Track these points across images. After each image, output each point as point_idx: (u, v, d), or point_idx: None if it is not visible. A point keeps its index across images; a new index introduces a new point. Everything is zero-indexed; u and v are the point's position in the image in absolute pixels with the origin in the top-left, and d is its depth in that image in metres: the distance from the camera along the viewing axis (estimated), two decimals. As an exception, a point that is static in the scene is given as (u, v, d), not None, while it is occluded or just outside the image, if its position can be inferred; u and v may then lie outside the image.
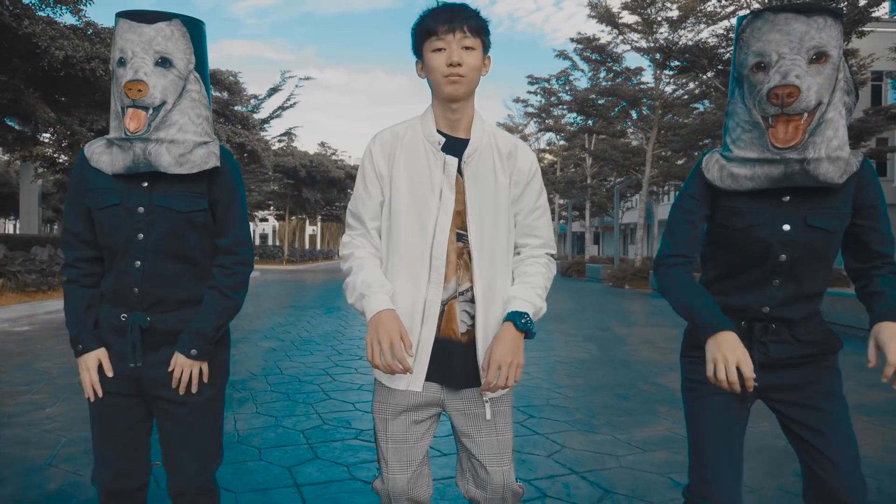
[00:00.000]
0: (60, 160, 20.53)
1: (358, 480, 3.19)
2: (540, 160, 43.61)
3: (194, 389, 1.71)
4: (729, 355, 1.50)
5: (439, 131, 1.73)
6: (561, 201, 39.80)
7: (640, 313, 12.52)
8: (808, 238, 1.62)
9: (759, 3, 13.13)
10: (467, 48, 1.65)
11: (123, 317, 1.71)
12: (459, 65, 1.63)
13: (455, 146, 1.72)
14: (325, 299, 14.38)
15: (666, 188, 32.64)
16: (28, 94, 9.44)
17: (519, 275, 1.78)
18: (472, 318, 1.70)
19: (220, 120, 19.73)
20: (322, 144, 39.85)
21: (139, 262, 1.68)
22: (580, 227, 48.90)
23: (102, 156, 1.69)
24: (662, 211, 38.55)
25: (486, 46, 1.71)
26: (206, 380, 1.74)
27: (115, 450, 1.76)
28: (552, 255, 1.87)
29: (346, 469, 3.35)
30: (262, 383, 5.44)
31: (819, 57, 1.53)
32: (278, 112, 23.27)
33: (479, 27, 1.67)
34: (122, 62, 1.63)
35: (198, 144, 1.68)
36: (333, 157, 38.33)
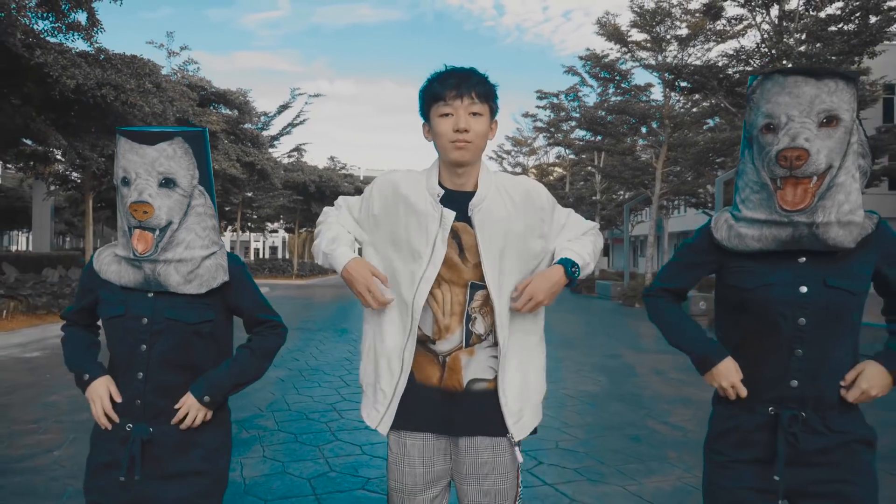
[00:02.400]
0: (73, 177, 20.77)
1: (364, 541, 3.15)
2: (549, 174, 43.72)
3: (193, 425, 1.71)
4: (726, 383, 1.60)
5: (442, 186, 1.72)
6: (570, 215, 39.74)
7: (650, 337, 12.43)
8: (829, 299, 1.55)
9: (768, 24, 13.09)
10: (475, 114, 1.65)
11: (129, 427, 1.69)
12: (466, 131, 1.63)
13: (460, 199, 1.71)
14: (336, 320, 14.37)
15: (676, 202, 32.49)
16: (40, 121, 9.53)
17: (571, 239, 1.81)
18: (496, 371, 1.71)
19: (230, 138, 19.85)
20: (331, 159, 39.98)
21: (141, 374, 1.67)
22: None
23: (111, 266, 1.71)
24: (673, 224, 38.37)
25: (493, 111, 1.71)
26: (207, 419, 1.72)
27: None
28: (596, 229, 1.91)
29: (352, 527, 3.31)
30: (270, 421, 5.41)
31: (830, 121, 1.51)
32: (288, 129, 23.39)
33: (487, 93, 1.67)
34: (125, 182, 1.64)
35: (205, 257, 1.70)
36: (342, 172, 38.43)
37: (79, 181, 20.44)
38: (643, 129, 21.92)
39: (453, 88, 1.63)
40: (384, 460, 2.39)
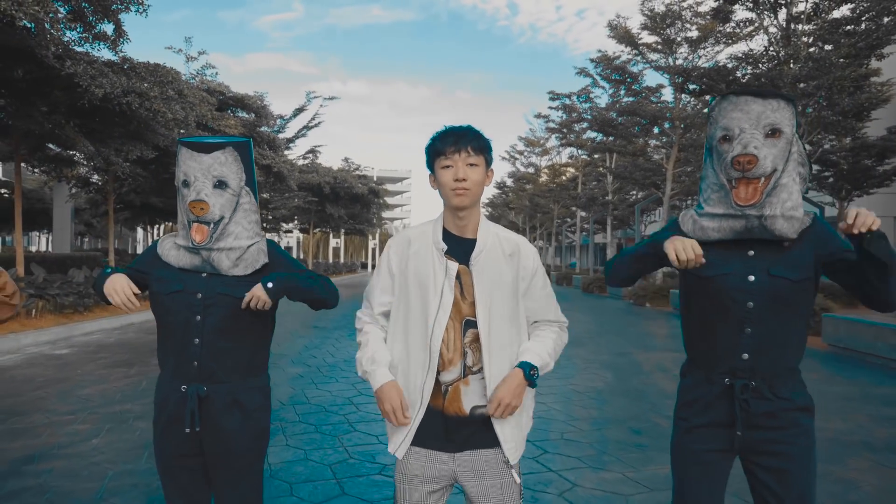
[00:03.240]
0: (93, 179, 21.29)
1: (382, 518, 3.45)
2: (562, 174, 43.87)
3: (256, 306, 1.93)
4: (685, 241, 1.77)
5: (447, 232, 2.00)
6: (583, 214, 39.82)
7: (659, 336, 12.63)
8: (772, 286, 1.85)
9: (776, 27, 13.24)
10: (471, 165, 1.92)
11: (183, 388, 2.00)
12: (465, 180, 1.91)
13: (463, 246, 1.99)
14: (349, 320, 14.65)
15: (689, 202, 32.54)
16: (69, 128, 9.93)
17: (534, 336, 2.04)
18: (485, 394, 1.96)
19: (247, 141, 20.23)
20: (346, 160, 40.39)
21: (198, 340, 1.98)
22: (603, 239, 48.82)
23: (171, 251, 2.04)
24: (685, 225, 38.26)
25: (488, 162, 1.98)
26: (267, 307, 1.95)
27: (181, 500, 2.05)
28: (564, 326, 2.12)
29: (370, 506, 3.61)
30: (291, 413, 5.73)
31: (773, 132, 1.83)
32: (303, 132, 23.78)
33: (481, 147, 1.95)
34: (185, 184, 1.96)
35: (249, 246, 2.03)
36: (357, 173, 38.83)
37: (99, 184, 20.99)
38: (655, 130, 22.10)
39: (452, 145, 1.92)
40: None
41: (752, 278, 1.87)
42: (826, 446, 4.97)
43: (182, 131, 15.33)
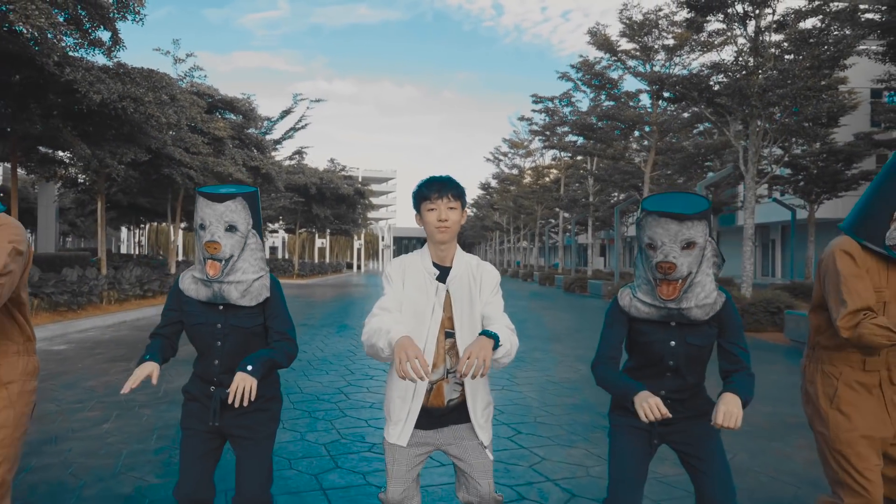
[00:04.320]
0: (80, 179, 21.51)
1: (372, 486, 3.92)
2: (545, 176, 44.55)
3: (245, 403, 2.31)
4: (650, 400, 2.22)
5: (434, 263, 2.50)
6: (566, 215, 40.47)
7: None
8: (687, 351, 2.41)
9: (744, 37, 13.89)
10: (451, 208, 2.43)
11: (212, 388, 2.51)
12: (446, 220, 2.42)
13: (443, 272, 2.51)
14: (337, 317, 15.12)
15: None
16: (67, 131, 10.29)
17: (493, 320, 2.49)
18: (461, 389, 2.47)
19: (236, 142, 20.56)
20: (332, 161, 40.73)
21: (217, 361, 2.49)
22: (586, 240, 49.53)
23: (191, 285, 2.50)
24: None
25: (463, 205, 2.49)
26: (253, 398, 2.34)
27: (196, 469, 2.51)
28: (513, 330, 2.53)
29: (362, 476, 4.08)
30: (285, 401, 6.16)
31: (689, 245, 2.29)
32: (290, 133, 24.15)
33: (458, 194, 2.46)
34: (202, 227, 2.43)
35: (255, 280, 2.49)
36: (342, 173, 39.19)
37: (87, 184, 21.22)
38: (636, 134, 22.75)
39: (436, 192, 2.42)
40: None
41: (672, 343, 2.42)
42: (773, 427, 5.52)
43: (172, 133, 15.68)
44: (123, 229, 42.53)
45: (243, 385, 2.27)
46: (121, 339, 10.70)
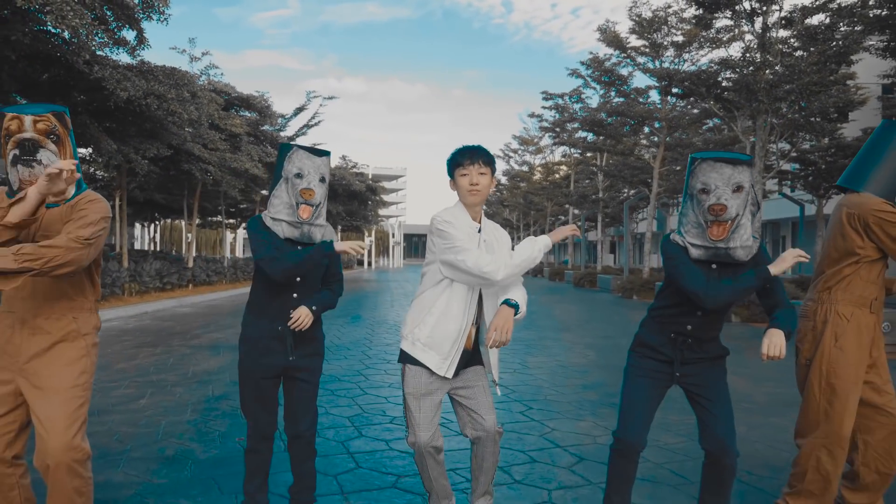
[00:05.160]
0: (98, 175, 21.99)
1: (395, 450, 4.24)
2: (555, 172, 44.73)
3: (304, 327, 2.75)
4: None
5: None
6: (575, 211, 40.66)
7: (643, 323, 13.44)
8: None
9: (751, 33, 14.08)
10: (482, 173, 2.76)
11: (280, 328, 2.81)
12: (477, 184, 2.75)
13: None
14: (348, 308, 15.48)
15: (676, 200, 33.45)
16: (94, 128, 10.68)
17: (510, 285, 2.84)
18: (476, 335, 2.84)
19: (251, 139, 20.96)
20: (343, 158, 41.08)
21: (296, 294, 2.82)
22: (595, 236, 49.69)
23: (275, 226, 2.81)
24: (674, 221, 39.26)
25: (493, 171, 2.82)
26: (307, 327, 2.78)
27: (265, 408, 2.87)
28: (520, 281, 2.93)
29: (385, 443, 4.41)
30: (308, 382, 6.50)
31: (738, 188, 2.58)
32: (304, 130, 24.53)
33: (489, 161, 2.79)
34: (299, 175, 2.77)
35: (326, 225, 2.91)
36: (354, 171, 39.53)
37: (105, 180, 21.69)
38: (646, 130, 22.96)
39: (468, 158, 2.75)
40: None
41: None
42: (772, 405, 5.80)
43: (190, 130, 16.07)
44: (137, 226, 43.13)
45: (306, 318, 2.75)
46: (145, 327, 11.08)
